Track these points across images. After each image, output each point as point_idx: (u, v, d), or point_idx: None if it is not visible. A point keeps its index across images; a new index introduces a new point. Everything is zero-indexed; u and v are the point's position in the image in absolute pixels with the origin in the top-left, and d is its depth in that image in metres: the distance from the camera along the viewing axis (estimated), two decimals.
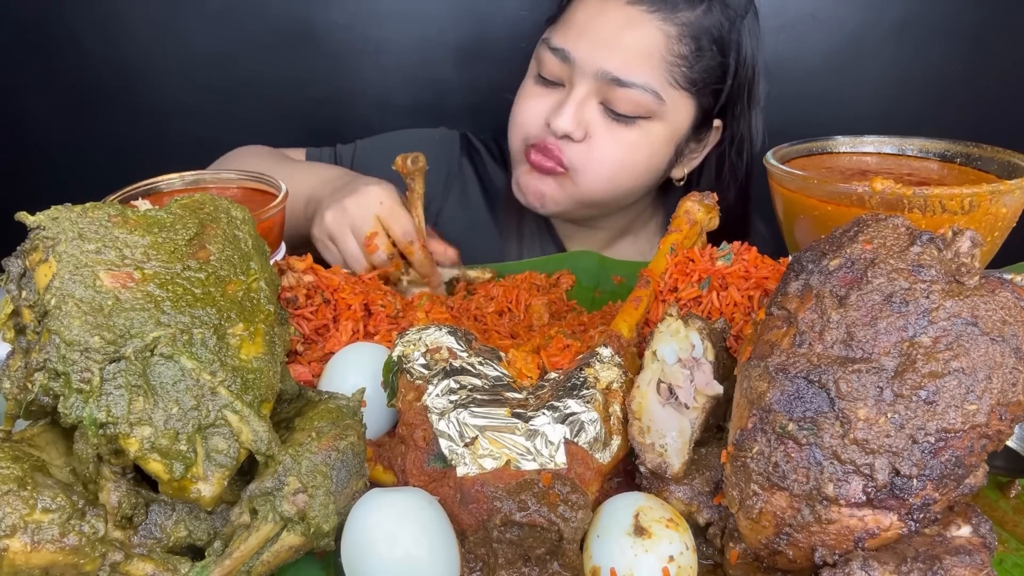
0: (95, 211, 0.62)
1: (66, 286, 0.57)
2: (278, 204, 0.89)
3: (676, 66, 1.19)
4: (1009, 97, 1.77)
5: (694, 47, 1.20)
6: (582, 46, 1.19)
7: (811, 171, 0.87)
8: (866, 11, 1.72)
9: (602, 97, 1.20)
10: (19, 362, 0.59)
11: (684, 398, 0.64)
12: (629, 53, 1.17)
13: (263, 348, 0.62)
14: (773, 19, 1.73)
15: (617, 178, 1.25)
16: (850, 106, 1.78)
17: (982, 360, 0.53)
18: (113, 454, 0.55)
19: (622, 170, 1.24)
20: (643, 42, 1.18)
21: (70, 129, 1.80)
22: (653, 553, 0.57)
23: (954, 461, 0.52)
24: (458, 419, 0.64)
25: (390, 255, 1.03)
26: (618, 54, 1.17)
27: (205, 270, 0.63)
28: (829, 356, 0.55)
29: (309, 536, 0.58)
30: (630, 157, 1.23)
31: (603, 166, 1.22)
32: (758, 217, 1.45)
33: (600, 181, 1.24)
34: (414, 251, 1.04)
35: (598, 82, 1.18)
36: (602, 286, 1.12)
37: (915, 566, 0.51)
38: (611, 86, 1.18)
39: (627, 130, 1.21)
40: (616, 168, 1.23)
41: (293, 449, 0.59)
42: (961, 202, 0.72)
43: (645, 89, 1.18)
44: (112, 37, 1.70)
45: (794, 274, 0.61)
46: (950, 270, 0.56)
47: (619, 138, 1.22)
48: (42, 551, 0.51)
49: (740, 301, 0.78)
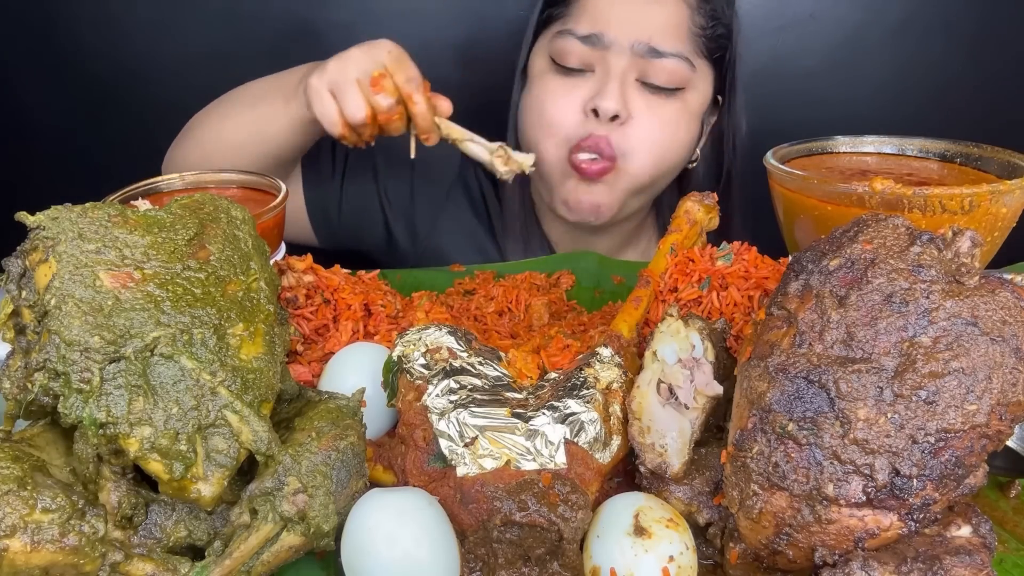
0: (95, 211, 0.62)
1: (66, 286, 0.57)
2: (278, 204, 0.89)
3: (698, 36, 1.22)
4: (1009, 97, 1.77)
5: (710, 16, 1.23)
6: (613, 25, 1.19)
7: (811, 171, 0.87)
8: (866, 11, 1.72)
9: (639, 72, 1.20)
10: (19, 362, 0.59)
11: (684, 398, 0.64)
12: (659, 24, 1.19)
13: (263, 348, 0.62)
14: (773, 19, 1.73)
15: (662, 155, 1.25)
16: (850, 106, 1.78)
17: (982, 360, 0.53)
18: (113, 454, 0.55)
19: (666, 147, 1.24)
20: (670, 14, 1.20)
21: (70, 129, 1.80)
22: (653, 553, 0.57)
23: (954, 461, 0.52)
24: (458, 419, 0.64)
25: (396, 100, 1.00)
26: (650, 27, 1.19)
27: (205, 270, 0.63)
28: (829, 356, 0.55)
29: (309, 536, 0.58)
30: (673, 132, 1.24)
31: (648, 144, 1.22)
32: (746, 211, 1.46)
33: (646, 163, 1.24)
34: (417, 101, 1.01)
35: (634, 57, 1.19)
36: (602, 286, 1.12)
37: (915, 566, 0.51)
38: (647, 59, 1.19)
39: (666, 104, 1.22)
40: (661, 145, 1.23)
41: (293, 449, 0.59)
42: (961, 202, 0.72)
43: (680, 57, 1.19)
44: (112, 37, 1.70)
45: (794, 274, 0.61)
46: (950, 270, 0.56)
47: (659, 113, 1.22)
48: (42, 551, 0.51)
49: (740, 301, 0.78)
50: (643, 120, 1.21)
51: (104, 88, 1.75)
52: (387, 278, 1.08)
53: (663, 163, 1.26)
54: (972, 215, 0.73)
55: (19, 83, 1.74)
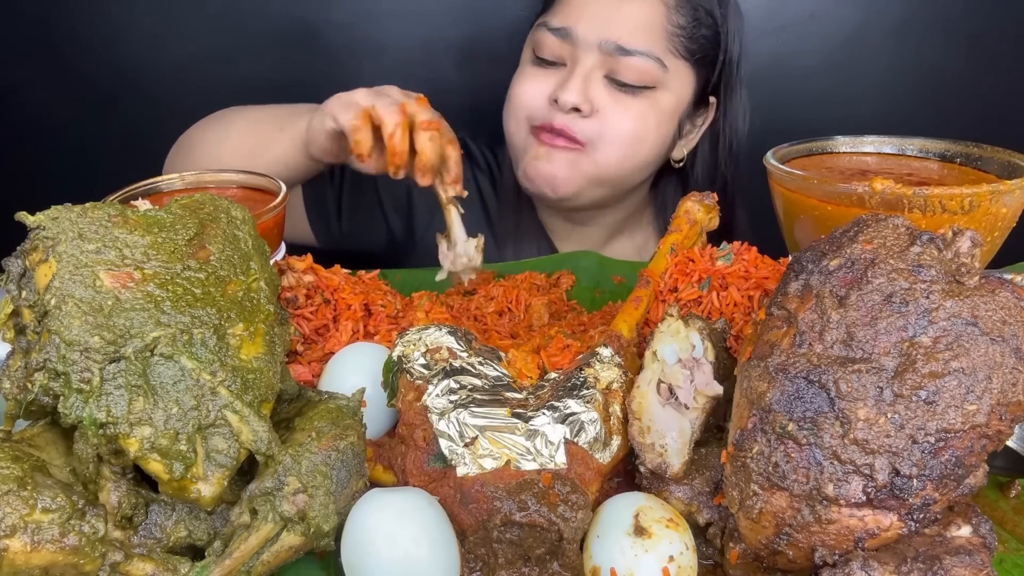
0: (95, 211, 0.62)
1: (66, 286, 0.57)
2: (278, 204, 0.89)
3: (676, 35, 1.22)
4: (1009, 97, 1.77)
5: (691, 17, 1.22)
6: (584, 21, 1.20)
7: (811, 171, 0.87)
8: (866, 11, 1.72)
9: (607, 69, 1.21)
10: (19, 362, 0.59)
11: (684, 398, 0.64)
12: (631, 23, 1.19)
13: (263, 348, 0.62)
14: (773, 19, 1.73)
15: (632, 150, 1.25)
16: (850, 106, 1.78)
17: (982, 360, 0.53)
18: (113, 454, 0.55)
19: (636, 142, 1.25)
20: (643, 12, 1.20)
21: (70, 129, 1.80)
22: (653, 553, 0.57)
23: (954, 461, 0.52)
24: (458, 419, 0.64)
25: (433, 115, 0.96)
26: (620, 25, 1.19)
27: (205, 270, 0.63)
28: (829, 356, 0.55)
29: (309, 536, 0.58)
30: (641, 128, 1.24)
31: (618, 137, 1.23)
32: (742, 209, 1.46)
33: (616, 154, 1.24)
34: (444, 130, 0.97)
35: (602, 54, 1.20)
36: (602, 286, 1.12)
37: (915, 566, 0.51)
38: (615, 56, 1.19)
39: (635, 101, 1.23)
40: (630, 139, 1.24)
41: (293, 449, 0.59)
42: (961, 202, 0.72)
43: (649, 56, 1.20)
44: (112, 37, 1.70)
45: (794, 274, 0.61)
46: (950, 270, 0.56)
47: (628, 109, 1.23)
48: (42, 551, 0.51)
49: (740, 301, 0.78)
50: (610, 114, 1.22)
51: (104, 88, 1.75)
52: (387, 278, 1.08)
53: (630, 159, 1.26)
54: (972, 215, 0.73)
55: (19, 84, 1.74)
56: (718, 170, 1.39)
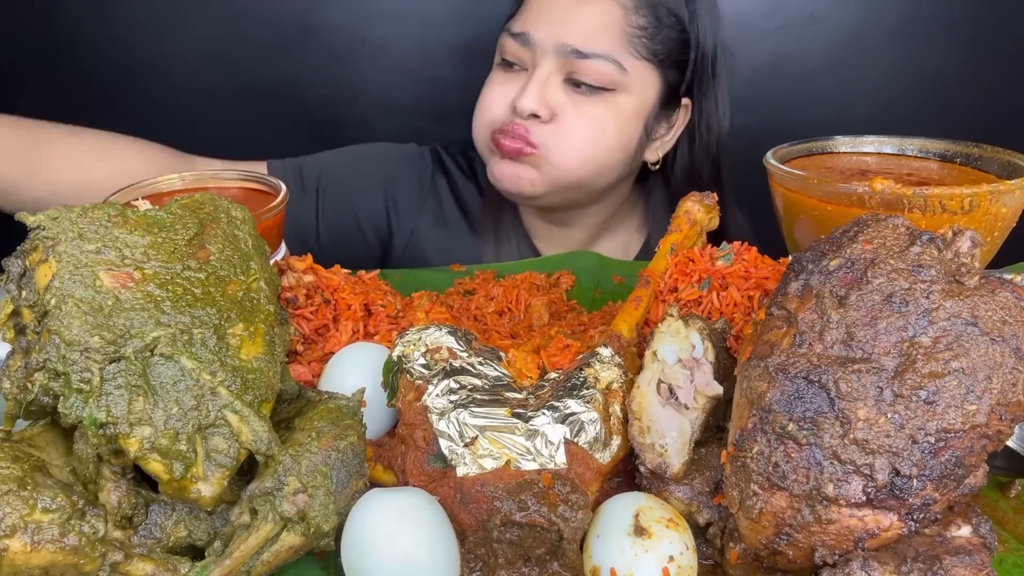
0: (95, 211, 0.62)
1: (66, 286, 0.57)
2: (278, 204, 0.89)
3: (636, 37, 1.22)
4: (1009, 97, 1.77)
5: (652, 18, 1.22)
6: (541, 26, 1.21)
7: (811, 171, 0.87)
8: (865, 11, 1.72)
9: (566, 73, 1.22)
10: (19, 362, 0.59)
11: (684, 398, 0.64)
12: (587, 26, 1.20)
13: (263, 348, 0.62)
14: (773, 19, 1.73)
15: (589, 154, 1.25)
16: (850, 106, 1.78)
17: (982, 360, 0.53)
18: (113, 454, 0.55)
19: (593, 145, 1.24)
20: (600, 15, 1.21)
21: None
22: (653, 553, 0.57)
23: (954, 461, 0.52)
24: (458, 419, 0.64)
25: None
26: (577, 28, 1.20)
27: (205, 270, 0.63)
28: (829, 356, 0.55)
29: (309, 536, 0.58)
30: (600, 132, 1.24)
31: (573, 142, 1.23)
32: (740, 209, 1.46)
33: (572, 158, 1.24)
34: None
35: (560, 58, 1.20)
36: (602, 286, 1.12)
37: (915, 566, 0.51)
38: (573, 60, 1.20)
39: (594, 104, 1.23)
40: (587, 143, 1.24)
41: (293, 449, 0.59)
42: (961, 202, 0.72)
43: (606, 59, 1.20)
44: (112, 37, 1.70)
45: (794, 274, 0.61)
46: (950, 270, 0.56)
47: (586, 113, 1.23)
48: (42, 551, 0.51)
49: (740, 301, 0.78)
50: (569, 119, 1.22)
51: (104, 88, 1.75)
52: (387, 278, 1.08)
53: (590, 162, 1.26)
54: (972, 215, 0.73)
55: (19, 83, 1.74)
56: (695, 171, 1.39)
